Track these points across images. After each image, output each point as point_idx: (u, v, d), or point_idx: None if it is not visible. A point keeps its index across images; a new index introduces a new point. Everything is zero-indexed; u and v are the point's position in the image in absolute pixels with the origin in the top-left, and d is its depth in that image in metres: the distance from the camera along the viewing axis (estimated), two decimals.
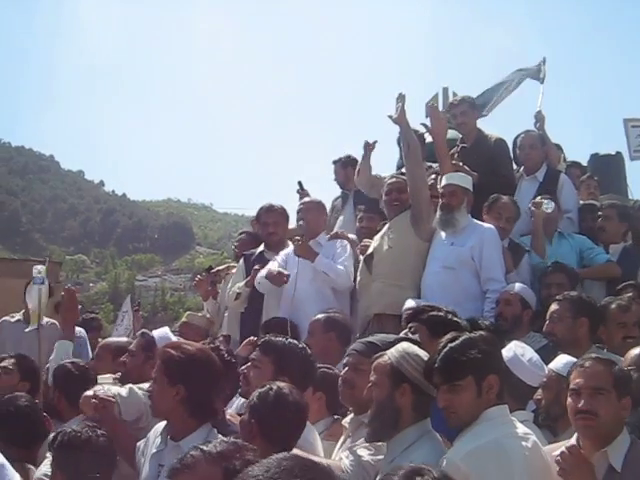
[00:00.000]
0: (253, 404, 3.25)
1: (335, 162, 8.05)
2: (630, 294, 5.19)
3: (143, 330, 5.36)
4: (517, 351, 3.83)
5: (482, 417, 3.01)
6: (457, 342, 3.12)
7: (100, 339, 8.80)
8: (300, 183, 7.98)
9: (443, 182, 5.99)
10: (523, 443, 2.94)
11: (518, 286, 5.46)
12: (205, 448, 2.21)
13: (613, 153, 8.73)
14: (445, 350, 3.10)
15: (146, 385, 4.49)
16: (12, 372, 5.11)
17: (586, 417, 3.11)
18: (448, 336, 3.20)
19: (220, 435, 3.32)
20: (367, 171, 6.80)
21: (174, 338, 5.22)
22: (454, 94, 8.24)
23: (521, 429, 3.03)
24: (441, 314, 4.08)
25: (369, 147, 6.75)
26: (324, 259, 6.16)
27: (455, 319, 3.93)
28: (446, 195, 5.89)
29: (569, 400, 3.25)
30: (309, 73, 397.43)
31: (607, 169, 8.18)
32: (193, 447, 2.28)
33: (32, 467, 3.92)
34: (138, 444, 3.74)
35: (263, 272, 6.29)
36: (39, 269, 6.27)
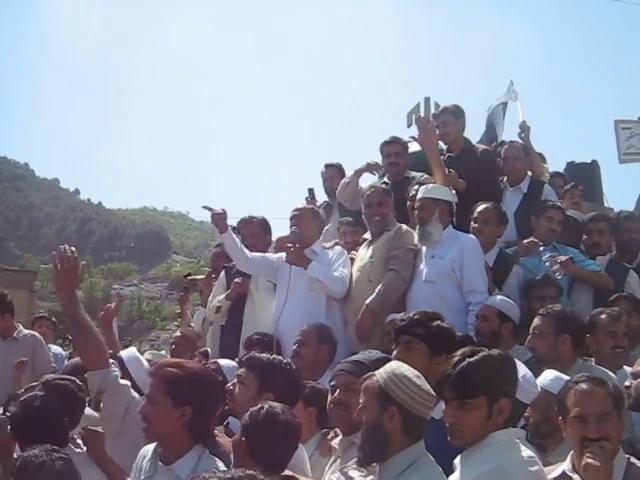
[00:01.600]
0: (245, 423, 3.18)
1: (329, 166, 7.80)
2: (624, 305, 5.22)
3: (110, 351, 5.24)
4: None
5: (487, 440, 2.93)
6: (476, 358, 3.00)
7: None
8: (311, 191, 7.80)
9: (418, 195, 5.90)
10: (528, 468, 2.86)
11: (495, 299, 5.38)
12: (221, 474, 2.09)
13: (589, 161, 8.78)
14: (462, 365, 2.98)
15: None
16: None
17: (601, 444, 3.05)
18: (465, 350, 3.09)
19: (213, 456, 3.26)
20: (355, 186, 6.71)
21: (142, 358, 5.10)
22: (436, 104, 8.22)
23: (526, 453, 2.94)
24: (447, 327, 4.01)
25: (373, 168, 6.66)
26: (318, 266, 5.96)
27: (460, 334, 3.86)
28: (417, 210, 5.82)
29: (573, 427, 3.18)
30: (291, 83, 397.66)
31: (583, 177, 8.17)
32: (212, 471, 2.15)
33: None
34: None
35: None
36: None
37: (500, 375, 2.97)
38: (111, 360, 4.38)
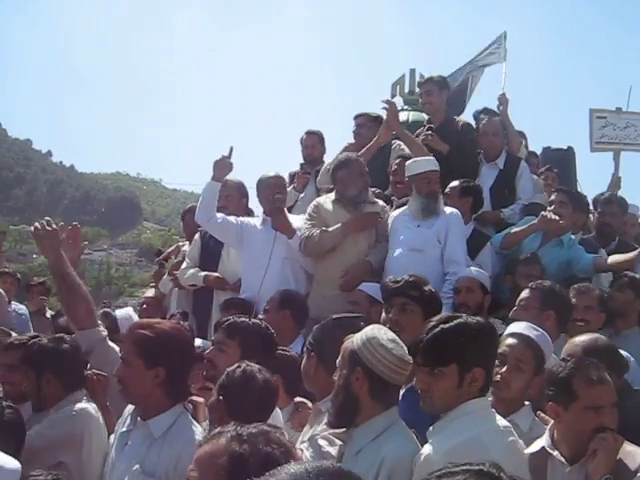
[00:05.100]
0: (222, 383, 3.16)
1: (310, 133, 7.69)
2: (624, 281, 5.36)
3: (105, 309, 5.15)
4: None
5: (460, 409, 2.84)
6: (450, 324, 2.87)
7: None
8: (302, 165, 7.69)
9: (417, 169, 5.82)
10: (504, 438, 2.80)
11: (475, 271, 5.40)
12: (231, 429, 2.05)
13: (565, 147, 8.78)
14: (435, 331, 2.86)
15: None
16: None
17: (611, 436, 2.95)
18: (441, 316, 2.99)
19: (192, 419, 3.27)
20: None
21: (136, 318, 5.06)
22: (421, 75, 8.16)
23: (501, 422, 2.88)
24: (436, 292, 4.03)
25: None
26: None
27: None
28: (425, 184, 5.75)
29: (586, 416, 2.99)
30: (277, 52, 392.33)
31: (558, 163, 8.19)
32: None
33: None
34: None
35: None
36: None
37: (474, 343, 2.84)
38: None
